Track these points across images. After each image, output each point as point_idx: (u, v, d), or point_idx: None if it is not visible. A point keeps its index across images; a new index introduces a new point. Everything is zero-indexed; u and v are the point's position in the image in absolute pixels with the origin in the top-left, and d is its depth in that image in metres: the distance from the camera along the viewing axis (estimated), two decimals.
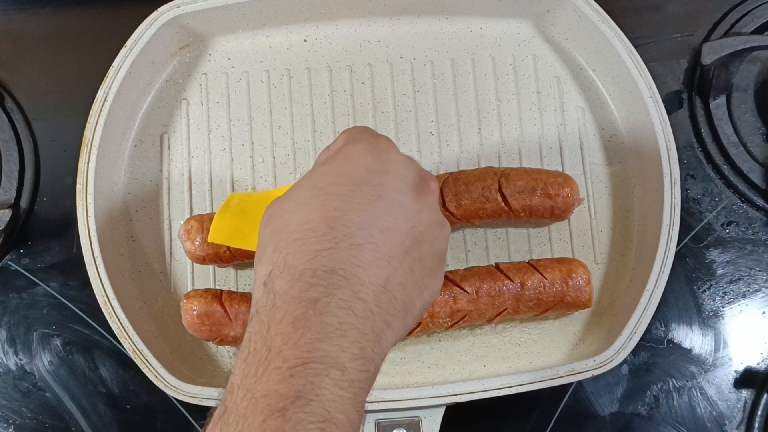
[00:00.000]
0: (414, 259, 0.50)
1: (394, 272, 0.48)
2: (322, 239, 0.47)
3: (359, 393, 0.44)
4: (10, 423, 0.74)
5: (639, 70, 0.77)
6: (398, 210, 0.50)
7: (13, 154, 0.79)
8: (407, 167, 0.53)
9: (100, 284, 0.70)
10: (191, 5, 0.77)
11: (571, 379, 0.69)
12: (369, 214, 0.48)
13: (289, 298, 0.45)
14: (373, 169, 0.51)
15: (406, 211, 0.50)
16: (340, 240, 0.47)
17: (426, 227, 0.51)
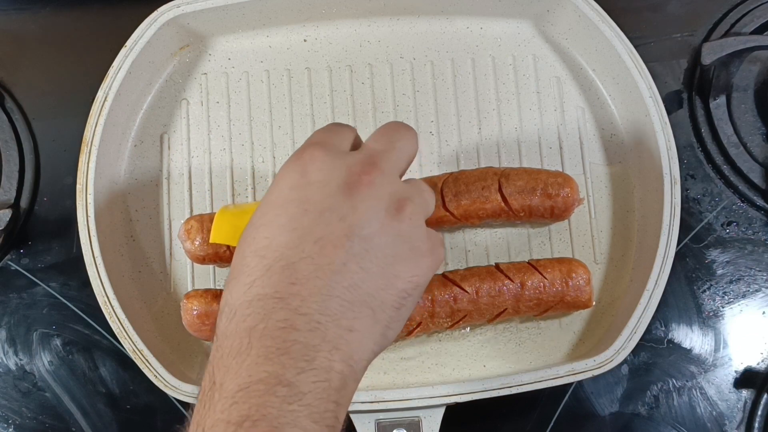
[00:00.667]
0: (360, 255, 0.49)
1: (339, 277, 0.47)
2: (253, 271, 0.47)
3: (316, 403, 0.44)
4: (10, 423, 0.74)
5: (639, 70, 0.77)
6: (329, 216, 0.49)
7: (13, 154, 0.79)
8: (333, 168, 0.51)
9: (100, 284, 0.70)
10: (191, 5, 0.77)
11: (571, 379, 0.69)
12: (297, 232, 0.48)
13: (229, 334, 0.46)
14: (296, 185, 0.50)
15: (339, 214, 0.49)
16: (270, 266, 0.47)
17: (366, 221, 0.50)
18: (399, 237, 0.51)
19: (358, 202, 0.50)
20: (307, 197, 0.49)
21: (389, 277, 0.50)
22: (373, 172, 0.52)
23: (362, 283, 0.49)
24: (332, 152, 0.52)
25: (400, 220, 0.51)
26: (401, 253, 0.51)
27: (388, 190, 0.52)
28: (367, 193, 0.51)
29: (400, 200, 0.52)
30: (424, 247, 0.52)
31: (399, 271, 0.50)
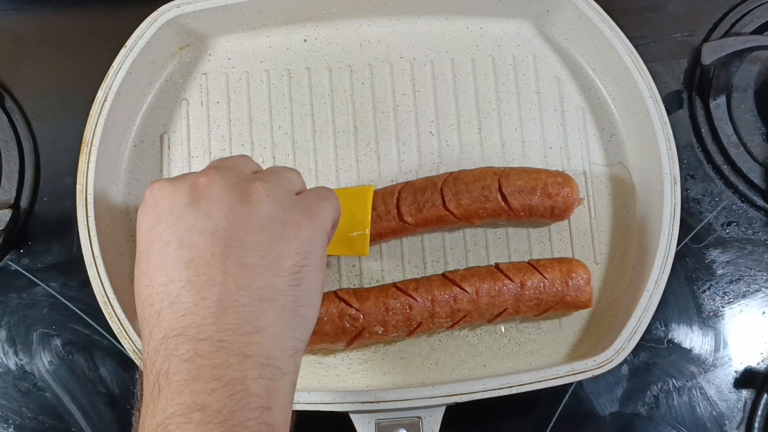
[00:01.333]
0: (237, 256, 0.48)
1: (224, 288, 0.47)
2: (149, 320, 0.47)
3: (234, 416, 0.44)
4: (10, 423, 0.74)
5: (639, 70, 0.77)
6: (189, 235, 0.48)
7: (13, 154, 0.79)
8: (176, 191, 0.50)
9: (100, 284, 0.70)
10: (191, 5, 0.77)
11: (571, 379, 0.69)
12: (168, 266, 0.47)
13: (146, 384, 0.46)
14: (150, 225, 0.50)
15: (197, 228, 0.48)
16: (160, 309, 0.46)
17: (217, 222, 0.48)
18: (264, 219, 0.49)
19: (208, 207, 0.49)
20: (163, 229, 0.49)
21: (273, 260, 0.49)
22: (210, 174, 0.51)
23: (250, 281, 0.47)
24: (172, 179, 0.52)
25: (256, 203, 0.50)
26: (274, 233, 0.49)
27: (233, 182, 0.51)
28: (212, 194, 0.50)
29: (248, 185, 0.51)
30: (296, 216, 0.51)
31: (280, 251, 0.49)
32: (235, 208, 0.49)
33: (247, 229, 0.49)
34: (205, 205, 0.49)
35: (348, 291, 0.72)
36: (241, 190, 0.50)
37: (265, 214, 0.50)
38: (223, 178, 0.51)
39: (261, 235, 0.49)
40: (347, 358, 0.74)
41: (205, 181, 0.50)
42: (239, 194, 0.50)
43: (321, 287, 0.52)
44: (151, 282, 0.48)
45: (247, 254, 0.48)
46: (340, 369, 0.74)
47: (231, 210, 0.49)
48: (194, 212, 0.49)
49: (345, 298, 0.70)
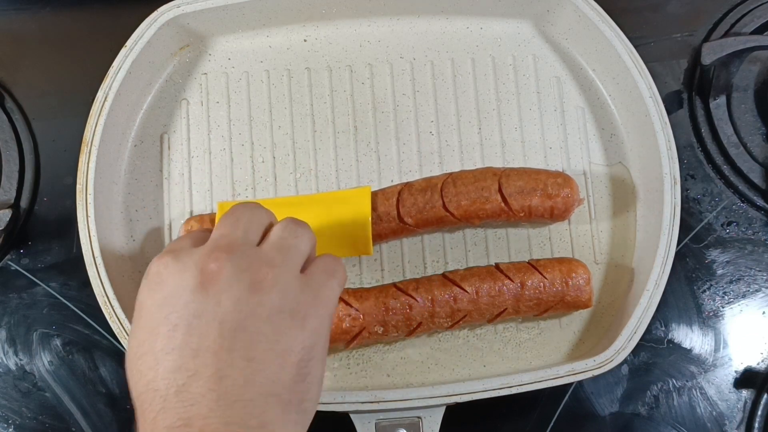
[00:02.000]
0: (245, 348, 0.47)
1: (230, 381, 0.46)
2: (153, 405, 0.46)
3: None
4: (10, 423, 0.74)
5: (639, 70, 0.77)
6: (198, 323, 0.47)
7: (13, 154, 0.79)
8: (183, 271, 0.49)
9: (100, 284, 0.70)
10: (191, 5, 0.77)
11: (571, 379, 0.69)
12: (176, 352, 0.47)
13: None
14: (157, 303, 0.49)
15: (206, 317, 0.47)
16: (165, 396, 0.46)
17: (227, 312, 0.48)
18: (272, 311, 0.49)
19: (218, 295, 0.48)
20: (170, 312, 0.48)
21: (280, 354, 0.48)
22: (220, 259, 0.49)
23: (255, 375, 0.47)
24: (179, 255, 0.51)
25: (265, 293, 0.49)
26: (282, 325, 0.49)
27: (242, 267, 0.49)
28: (223, 283, 0.49)
29: (257, 272, 0.50)
30: (303, 306, 0.50)
31: (287, 344, 0.49)
32: (243, 297, 0.48)
33: (255, 321, 0.48)
34: (214, 293, 0.48)
35: (348, 291, 0.72)
36: (251, 278, 0.49)
37: (274, 304, 0.49)
38: (233, 264, 0.49)
39: (268, 327, 0.48)
40: (347, 358, 0.74)
41: (215, 267, 0.49)
42: (248, 283, 0.49)
43: (323, 376, 0.52)
44: (156, 365, 0.47)
45: (255, 347, 0.47)
46: (340, 369, 0.74)
47: (239, 300, 0.48)
48: (203, 299, 0.48)
49: (345, 298, 0.70)
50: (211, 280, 0.49)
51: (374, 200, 0.72)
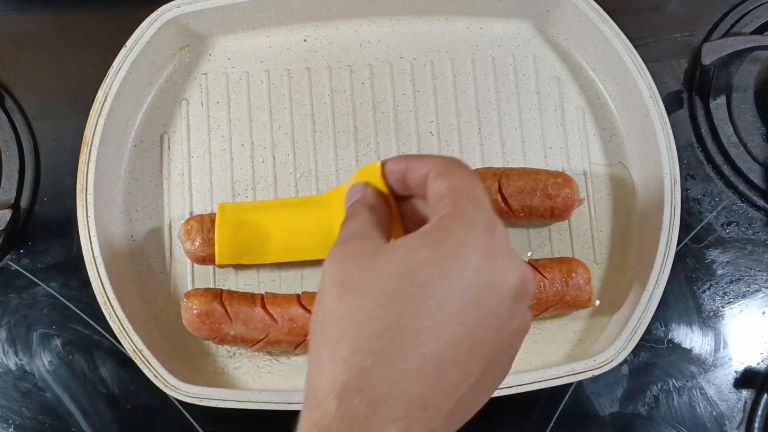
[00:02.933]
0: (487, 374, 0.44)
1: (468, 390, 0.42)
2: (409, 357, 0.40)
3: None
4: (10, 423, 0.74)
5: (639, 70, 0.77)
6: (491, 321, 0.42)
7: (13, 154, 0.79)
8: (513, 267, 0.44)
9: (100, 284, 0.70)
10: (191, 5, 0.77)
11: (571, 379, 0.69)
12: (464, 329, 0.41)
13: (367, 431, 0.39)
14: (480, 272, 0.42)
15: (498, 321, 0.43)
16: (428, 360, 0.40)
17: (511, 333, 0.45)
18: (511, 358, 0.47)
19: (515, 315, 0.45)
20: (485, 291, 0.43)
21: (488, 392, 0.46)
22: (533, 288, 0.47)
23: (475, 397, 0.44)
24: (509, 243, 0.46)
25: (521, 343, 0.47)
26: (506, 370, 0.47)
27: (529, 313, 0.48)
28: (523, 309, 0.46)
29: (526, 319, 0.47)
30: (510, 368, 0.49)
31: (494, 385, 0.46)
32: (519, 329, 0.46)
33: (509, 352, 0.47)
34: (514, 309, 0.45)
35: None
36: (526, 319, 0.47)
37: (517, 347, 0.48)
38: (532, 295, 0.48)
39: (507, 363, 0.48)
40: None
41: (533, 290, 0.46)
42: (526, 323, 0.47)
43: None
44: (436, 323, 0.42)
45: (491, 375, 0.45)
46: None
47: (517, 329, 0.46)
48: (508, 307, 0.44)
49: None
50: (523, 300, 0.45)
51: None
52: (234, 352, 0.74)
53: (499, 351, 0.44)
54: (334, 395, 0.40)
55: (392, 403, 0.39)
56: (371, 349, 0.41)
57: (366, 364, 0.40)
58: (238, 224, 0.71)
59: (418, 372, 0.40)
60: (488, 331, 0.43)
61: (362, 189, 0.53)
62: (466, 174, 0.48)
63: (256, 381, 0.73)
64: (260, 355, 0.74)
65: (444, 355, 0.41)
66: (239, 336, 0.69)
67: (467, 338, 0.42)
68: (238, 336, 0.69)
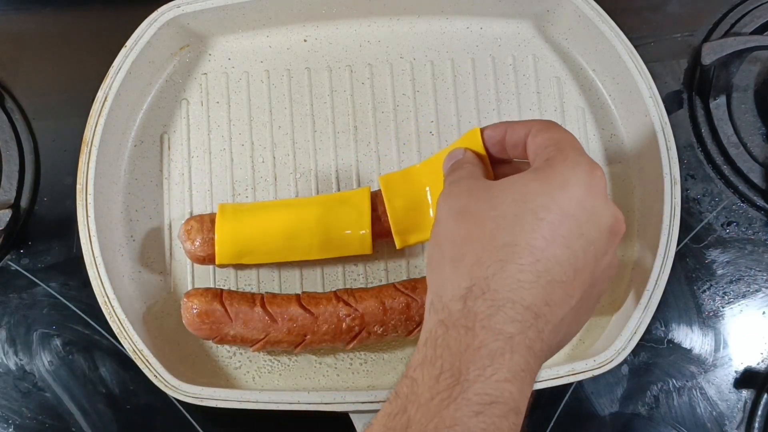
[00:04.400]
0: (585, 298, 0.50)
1: (570, 312, 0.48)
2: (526, 269, 0.46)
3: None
4: (10, 423, 0.74)
5: (639, 70, 0.77)
6: (591, 251, 0.49)
7: (13, 154, 0.79)
8: (608, 207, 0.51)
9: (100, 284, 0.70)
10: (191, 5, 0.77)
11: (571, 379, 0.69)
12: (569, 252, 0.47)
13: (490, 326, 0.45)
14: (584, 204, 0.49)
15: (596, 252, 0.49)
16: (541, 275, 0.46)
17: (604, 268, 0.51)
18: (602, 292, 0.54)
19: (609, 250, 0.51)
20: (588, 222, 0.49)
21: (579, 324, 0.52)
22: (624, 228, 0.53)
23: (572, 323, 0.50)
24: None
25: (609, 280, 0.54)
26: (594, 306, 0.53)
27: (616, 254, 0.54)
28: (614, 248, 0.52)
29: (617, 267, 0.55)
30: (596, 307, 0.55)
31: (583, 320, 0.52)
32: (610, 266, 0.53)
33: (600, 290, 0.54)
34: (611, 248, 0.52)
35: (348, 291, 0.72)
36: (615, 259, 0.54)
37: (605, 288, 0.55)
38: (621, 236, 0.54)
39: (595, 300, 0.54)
40: (347, 358, 0.74)
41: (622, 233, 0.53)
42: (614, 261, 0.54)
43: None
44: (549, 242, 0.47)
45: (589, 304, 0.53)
46: (340, 369, 0.74)
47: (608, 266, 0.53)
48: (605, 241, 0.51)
49: (345, 298, 0.70)
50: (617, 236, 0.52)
51: (374, 200, 0.72)
52: (234, 352, 0.74)
53: (594, 281, 0.50)
54: (459, 297, 0.46)
55: (511, 307, 0.45)
56: (492, 261, 0.46)
57: (488, 272, 0.46)
58: (238, 224, 0.71)
59: (533, 284, 0.46)
60: (588, 258, 0.48)
61: (462, 152, 0.60)
62: (563, 129, 0.55)
63: (256, 381, 0.73)
64: (260, 355, 0.74)
65: (553, 272, 0.46)
66: (239, 336, 0.69)
67: (572, 261, 0.47)
68: (238, 336, 0.69)
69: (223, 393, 0.68)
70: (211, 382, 0.72)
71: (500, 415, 0.43)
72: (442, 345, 0.45)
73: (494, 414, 0.43)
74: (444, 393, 0.43)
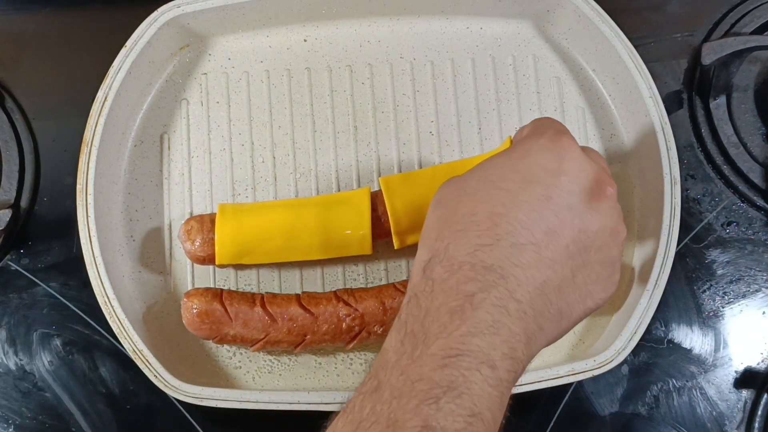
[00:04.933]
0: (578, 265, 0.50)
1: (553, 276, 0.48)
2: (484, 234, 0.47)
3: (505, 393, 0.45)
4: (10, 423, 0.74)
5: (639, 70, 0.77)
6: (566, 213, 0.49)
7: (13, 154, 0.79)
8: (584, 169, 0.52)
9: (100, 284, 0.70)
10: (191, 5, 0.77)
11: (571, 379, 0.69)
12: (535, 215, 0.48)
13: (447, 288, 0.46)
14: (548, 168, 0.50)
15: (575, 215, 0.49)
16: (501, 237, 0.47)
17: (596, 233, 0.51)
18: (607, 260, 0.52)
19: (595, 212, 0.51)
20: (554, 185, 0.49)
21: (585, 293, 0.51)
22: (611, 189, 0.53)
23: (567, 290, 0.49)
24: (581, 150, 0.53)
25: (615, 245, 0.53)
26: (603, 273, 0.52)
27: (615, 213, 0.53)
28: (604, 209, 0.52)
29: (620, 225, 0.54)
30: (617, 274, 0.54)
31: (594, 290, 0.52)
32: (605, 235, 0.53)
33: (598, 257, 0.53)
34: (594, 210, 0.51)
35: (348, 291, 0.72)
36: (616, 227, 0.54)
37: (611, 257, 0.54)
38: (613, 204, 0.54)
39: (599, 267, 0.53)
40: (347, 358, 0.74)
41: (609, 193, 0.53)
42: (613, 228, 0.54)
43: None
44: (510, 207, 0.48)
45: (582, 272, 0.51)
46: (340, 369, 0.74)
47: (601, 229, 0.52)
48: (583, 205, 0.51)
49: (345, 298, 0.70)
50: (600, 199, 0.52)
51: (374, 201, 0.72)
52: (234, 352, 0.74)
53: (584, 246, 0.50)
54: (421, 269, 0.48)
55: (469, 268, 0.46)
56: (451, 231, 0.48)
57: (447, 242, 0.48)
58: (238, 224, 0.71)
59: (492, 246, 0.47)
60: (564, 222, 0.49)
61: None
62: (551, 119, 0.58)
63: (256, 381, 0.73)
64: (260, 355, 0.74)
65: (517, 234, 0.47)
66: (239, 336, 0.69)
67: (540, 224, 0.48)
68: (238, 336, 0.69)
69: (223, 393, 0.68)
70: (211, 382, 0.72)
71: (469, 368, 0.43)
72: (406, 314, 0.47)
73: (462, 366, 0.43)
74: (408, 353, 0.44)
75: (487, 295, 0.45)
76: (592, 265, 0.51)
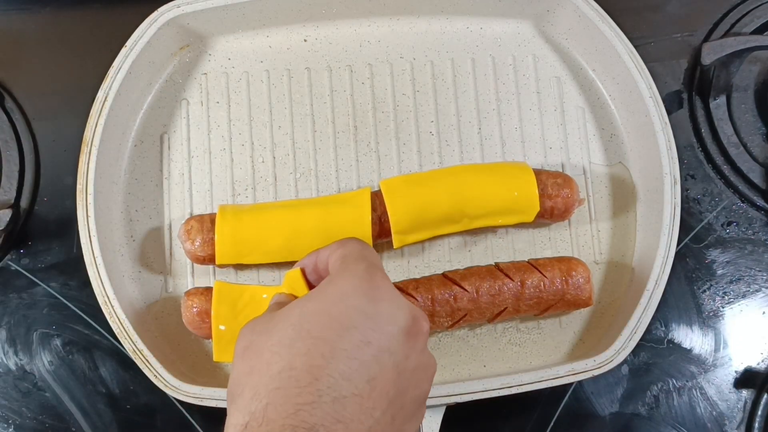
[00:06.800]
0: (397, 407, 0.48)
1: (375, 425, 0.46)
2: (304, 391, 0.45)
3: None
4: (10, 423, 0.74)
5: (639, 70, 0.77)
6: (386, 357, 0.48)
7: (13, 154, 0.79)
8: (400, 308, 0.50)
9: (100, 284, 0.70)
10: (191, 5, 0.77)
11: (571, 379, 0.69)
12: (356, 363, 0.46)
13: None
14: (364, 311, 0.48)
15: (394, 358, 0.48)
16: (323, 392, 0.45)
17: (412, 372, 0.50)
18: (420, 397, 0.51)
19: (412, 352, 0.50)
20: (372, 328, 0.48)
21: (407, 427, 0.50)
22: (426, 324, 0.52)
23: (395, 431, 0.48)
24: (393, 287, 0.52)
25: (427, 381, 0.52)
26: (417, 412, 0.52)
27: (428, 352, 0.53)
28: (419, 346, 0.51)
29: (431, 359, 0.53)
30: (424, 407, 0.53)
31: (408, 429, 0.50)
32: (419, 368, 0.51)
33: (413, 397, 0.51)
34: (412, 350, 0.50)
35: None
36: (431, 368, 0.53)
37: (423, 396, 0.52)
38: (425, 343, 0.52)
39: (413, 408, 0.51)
40: None
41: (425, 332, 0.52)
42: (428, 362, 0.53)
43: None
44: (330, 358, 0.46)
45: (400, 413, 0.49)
46: None
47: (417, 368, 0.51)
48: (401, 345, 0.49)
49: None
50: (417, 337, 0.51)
51: (374, 201, 0.72)
52: None
53: (402, 388, 0.48)
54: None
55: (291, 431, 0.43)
56: (267, 391, 0.45)
57: (264, 402, 0.45)
58: (238, 224, 0.71)
59: (314, 404, 0.44)
60: (385, 367, 0.47)
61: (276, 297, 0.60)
62: (357, 242, 0.56)
63: None
64: None
65: (339, 388, 0.45)
66: None
67: (362, 371, 0.46)
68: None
69: (223, 393, 0.68)
70: (210, 382, 0.72)
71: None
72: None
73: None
74: None
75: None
76: (407, 406, 0.50)
